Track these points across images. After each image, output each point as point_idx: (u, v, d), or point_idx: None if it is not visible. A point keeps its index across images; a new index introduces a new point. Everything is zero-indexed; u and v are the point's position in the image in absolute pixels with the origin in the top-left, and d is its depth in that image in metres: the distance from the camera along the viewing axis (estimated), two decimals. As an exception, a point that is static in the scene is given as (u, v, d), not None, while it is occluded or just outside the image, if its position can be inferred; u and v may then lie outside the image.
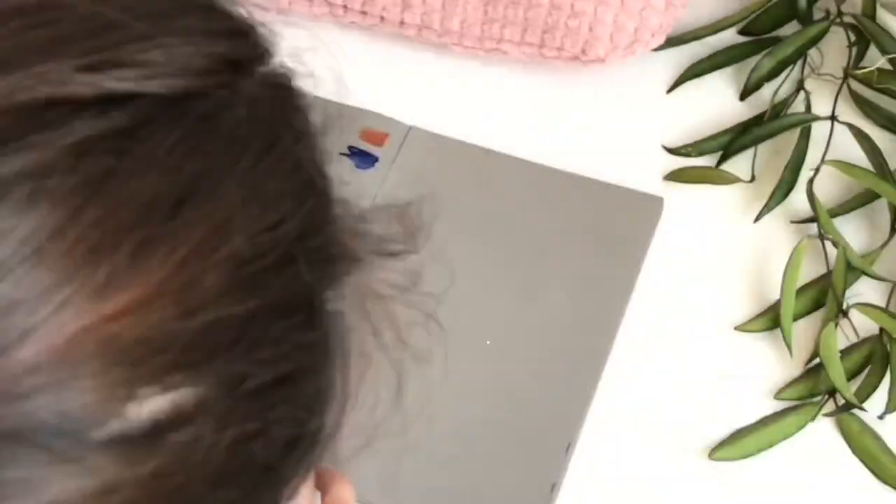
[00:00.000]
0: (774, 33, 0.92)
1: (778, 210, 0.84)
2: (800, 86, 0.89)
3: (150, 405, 0.34)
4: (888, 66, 0.87)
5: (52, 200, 0.34)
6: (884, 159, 0.85)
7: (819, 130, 0.87)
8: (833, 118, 0.87)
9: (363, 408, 0.44)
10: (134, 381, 0.34)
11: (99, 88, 0.35)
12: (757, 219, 0.84)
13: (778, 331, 0.80)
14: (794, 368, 0.79)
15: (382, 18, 0.90)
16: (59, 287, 0.33)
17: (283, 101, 0.41)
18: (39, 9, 0.37)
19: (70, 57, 0.36)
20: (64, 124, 0.35)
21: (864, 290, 0.81)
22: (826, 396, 0.78)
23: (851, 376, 0.78)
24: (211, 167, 0.37)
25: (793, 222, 0.84)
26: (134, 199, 0.35)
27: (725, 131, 0.88)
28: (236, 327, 0.36)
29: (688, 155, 0.87)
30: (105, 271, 0.34)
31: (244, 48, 0.40)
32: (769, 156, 0.87)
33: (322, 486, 0.73)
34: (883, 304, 0.80)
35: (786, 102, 0.88)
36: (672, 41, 0.90)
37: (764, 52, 0.90)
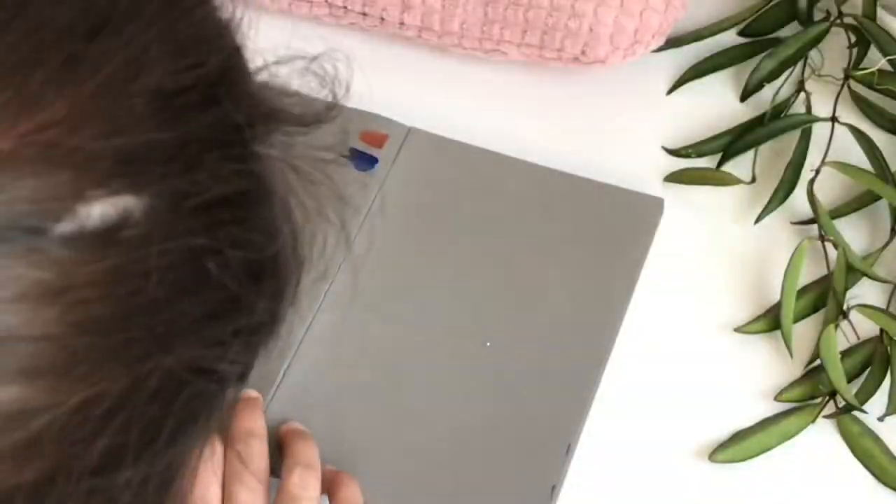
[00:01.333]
0: (775, 34, 0.92)
1: (778, 211, 0.84)
2: (800, 87, 0.89)
3: (99, 207, 0.37)
4: (889, 68, 0.87)
5: None
6: (884, 160, 0.85)
7: (819, 132, 0.87)
8: (833, 119, 0.87)
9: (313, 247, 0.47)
10: (79, 183, 0.37)
11: None
12: (757, 220, 0.84)
13: (778, 332, 0.80)
14: (795, 370, 0.79)
15: (382, 19, 0.90)
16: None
17: None
18: None
19: None
20: None
21: (865, 292, 0.81)
22: (826, 398, 0.78)
23: (852, 378, 0.78)
24: (121, 3, 0.40)
25: (793, 224, 0.84)
26: (55, 21, 0.38)
27: (726, 132, 0.88)
28: (169, 149, 0.39)
29: (688, 156, 0.87)
30: (37, 81, 0.37)
31: None
32: (770, 157, 0.87)
33: (329, 489, 0.73)
34: (883, 306, 0.80)
35: (786, 103, 0.88)
36: (672, 42, 0.90)
37: (764, 54, 0.90)
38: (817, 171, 0.84)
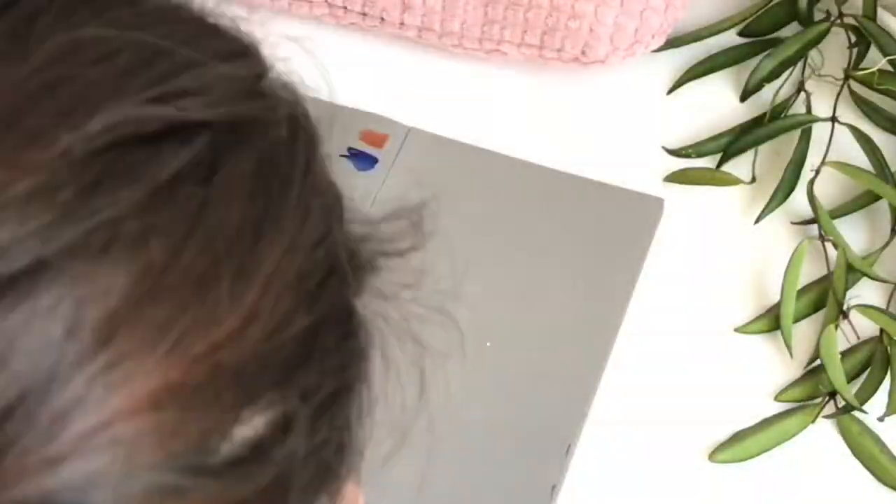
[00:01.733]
0: (775, 34, 0.92)
1: (778, 211, 0.84)
2: (800, 87, 0.89)
3: (253, 425, 0.35)
4: (889, 68, 0.87)
5: (157, 237, 0.34)
6: (884, 160, 0.85)
7: (819, 132, 0.87)
8: (834, 119, 0.87)
9: (391, 409, 0.46)
10: (239, 404, 0.35)
11: (172, 119, 0.36)
12: (757, 220, 0.84)
13: (778, 332, 0.80)
14: (795, 370, 0.79)
15: (382, 20, 0.90)
16: (175, 320, 0.34)
17: (305, 116, 0.41)
18: (95, 43, 0.37)
19: (137, 90, 0.36)
20: (152, 160, 0.35)
21: (865, 292, 0.81)
22: (826, 398, 0.78)
23: (852, 378, 0.78)
24: (274, 188, 0.37)
25: (793, 224, 0.84)
26: (226, 228, 0.36)
27: (726, 132, 0.88)
28: (306, 341, 0.37)
29: (688, 156, 0.87)
30: (212, 300, 0.35)
31: (260, 65, 0.41)
32: (770, 157, 0.87)
33: None
34: (883, 306, 0.80)
35: (786, 104, 0.88)
36: (672, 42, 0.90)
37: (764, 54, 0.90)
38: (817, 171, 0.84)
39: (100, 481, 0.33)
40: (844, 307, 0.80)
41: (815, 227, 0.83)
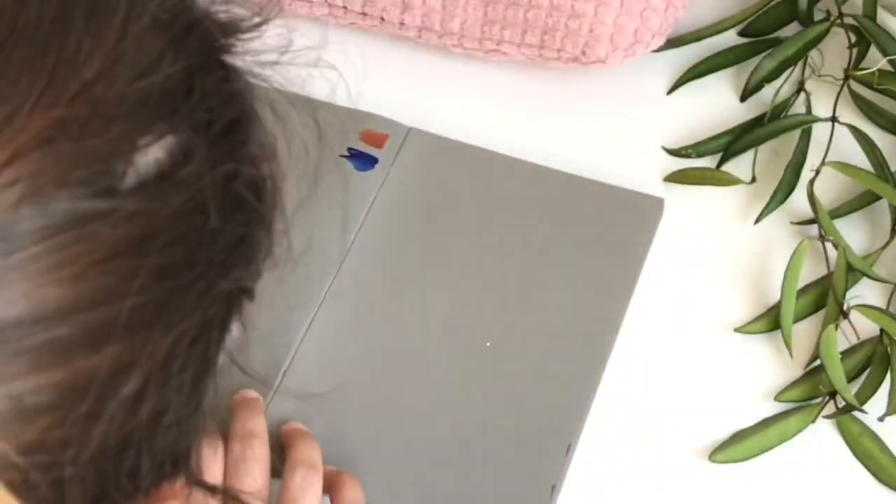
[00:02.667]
0: (775, 34, 0.92)
1: (778, 211, 0.84)
2: (800, 87, 0.89)
3: (151, 153, 0.39)
4: (889, 68, 0.87)
5: None
6: (884, 160, 0.85)
7: (820, 132, 0.87)
8: (834, 119, 0.87)
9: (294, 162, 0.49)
10: (130, 134, 0.39)
11: None
12: (757, 220, 0.84)
13: (778, 332, 0.80)
14: (795, 370, 0.79)
15: (382, 20, 0.90)
16: (41, 62, 0.38)
17: None
18: None
19: None
20: None
21: (865, 292, 0.81)
22: (826, 398, 0.78)
23: (852, 378, 0.78)
24: None
25: (793, 223, 0.84)
26: None
27: (726, 132, 0.88)
28: (184, 82, 0.41)
29: (688, 156, 0.87)
30: (72, 41, 0.38)
31: None
32: (770, 157, 0.87)
33: (332, 489, 0.73)
34: (883, 306, 0.80)
35: (786, 104, 0.88)
36: (672, 42, 0.90)
37: (764, 54, 0.90)
38: (817, 171, 0.84)
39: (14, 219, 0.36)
40: (844, 307, 0.80)
41: (815, 227, 0.83)
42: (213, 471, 0.71)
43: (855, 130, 0.86)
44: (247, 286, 0.44)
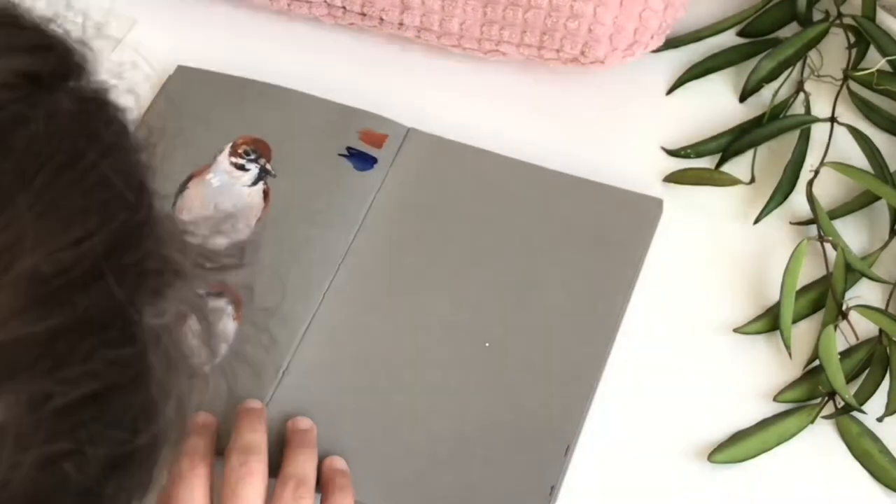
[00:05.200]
0: (774, 35, 0.92)
1: (777, 212, 0.84)
2: (799, 87, 0.89)
3: None
4: (888, 68, 0.88)
5: None
6: (883, 161, 0.85)
7: (819, 132, 0.87)
8: (833, 120, 0.87)
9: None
10: None
11: None
12: (756, 220, 0.84)
13: (777, 333, 0.80)
14: (794, 370, 0.79)
15: (381, 20, 0.90)
16: None
17: (90, 116, 0.40)
18: None
19: None
20: None
21: (864, 292, 0.81)
22: (825, 399, 0.78)
23: (851, 378, 0.78)
24: (1, 184, 0.36)
25: (792, 224, 0.84)
26: None
27: (725, 133, 0.88)
28: (38, 345, 0.36)
29: (687, 156, 0.87)
30: None
31: (45, 62, 0.39)
32: (769, 157, 0.87)
33: (323, 493, 0.73)
34: (882, 306, 0.80)
35: (785, 104, 0.88)
36: (671, 43, 0.90)
37: (763, 54, 0.90)
38: (816, 172, 0.84)
39: None
40: (843, 307, 0.80)
41: (814, 227, 0.83)
42: (195, 495, 0.69)
43: (854, 131, 0.86)
44: None
